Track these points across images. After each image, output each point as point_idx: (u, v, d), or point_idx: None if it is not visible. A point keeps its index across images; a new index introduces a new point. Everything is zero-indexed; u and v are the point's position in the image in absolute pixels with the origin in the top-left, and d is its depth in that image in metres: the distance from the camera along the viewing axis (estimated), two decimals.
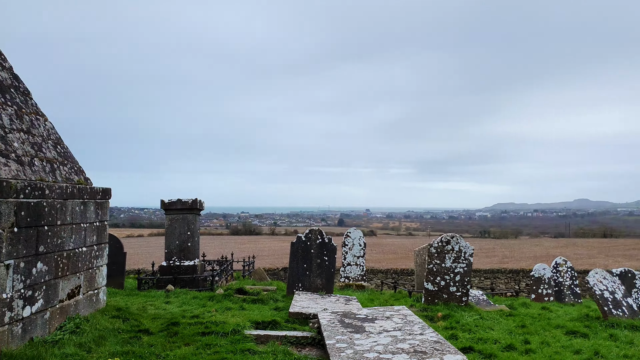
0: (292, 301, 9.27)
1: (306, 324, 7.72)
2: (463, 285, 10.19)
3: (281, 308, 9.29)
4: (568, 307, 12.43)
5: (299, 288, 10.61)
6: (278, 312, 8.93)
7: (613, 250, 49.59)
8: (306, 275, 10.67)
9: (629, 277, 12.07)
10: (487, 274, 24.28)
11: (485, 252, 46.55)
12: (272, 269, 25.42)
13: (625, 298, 9.12)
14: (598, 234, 78.61)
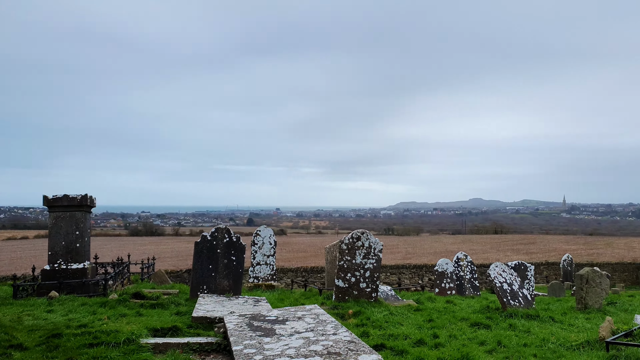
0: (195, 305, 8.63)
1: (211, 328, 7.18)
2: (373, 281, 10.24)
3: (184, 312, 8.62)
4: (469, 300, 13.10)
5: (204, 290, 9.97)
6: (180, 317, 8.26)
7: (503, 245, 54.11)
8: (212, 277, 10.06)
9: (522, 269, 13.00)
10: (393, 270, 25.14)
11: (390, 248, 48.46)
12: (175, 271, 24.10)
13: (521, 289, 9.72)
14: (490, 230, 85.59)
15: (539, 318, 8.58)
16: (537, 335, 7.34)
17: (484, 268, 27.03)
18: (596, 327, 7.92)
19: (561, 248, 49.82)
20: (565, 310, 9.70)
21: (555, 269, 28.29)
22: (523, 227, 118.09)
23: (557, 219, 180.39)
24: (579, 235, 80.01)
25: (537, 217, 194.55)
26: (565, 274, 23.42)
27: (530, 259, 41.11)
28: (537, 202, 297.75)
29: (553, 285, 16.63)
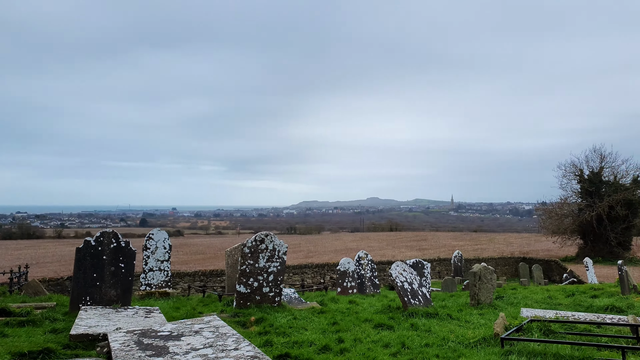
0: (76, 319, 7.62)
1: (93, 348, 6.34)
2: (276, 285, 9.90)
3: (60, 330, 7.58)
4: (370, 298, 13.31)
5: (87, 302, 8.90)
6: (55, 335, 7.22)
7: (398, 242, 56.87)
8: (96, 287, 9.02)
9: (419, 267, 13.48)
10: (296, 270, 25.07)
11: (293, 247, 48.57)
12: (56, 279, 21.72)
13: (420, 288, 10.01)
14: (386, 228, 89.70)
15: (438, 316, 8.85)
16: (437, 334, 7.51)
17: (382, 265, 28.03)
18: (489, 322, 8.35)
19: (450, 244, 53.61)
20: (460, 307, 10.17)
21: (446, 265, 30.23)
22: (416, 224, 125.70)
23: (446, 217, 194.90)
24: (465, 232, 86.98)
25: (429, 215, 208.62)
26: (456, 269, 25.06)
27: (423, 255, 43.59)
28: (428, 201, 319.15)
29: (446, 281, 17.61)
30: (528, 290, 14.96)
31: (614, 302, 10.50)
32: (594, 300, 11.24)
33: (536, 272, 21.65)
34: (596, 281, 19.57)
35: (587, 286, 15.64)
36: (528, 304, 10.74)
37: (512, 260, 33.61)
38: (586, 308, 10.35)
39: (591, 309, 10.17)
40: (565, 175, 43.07)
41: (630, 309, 10.02)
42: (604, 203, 38.96)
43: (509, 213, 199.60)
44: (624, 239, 39.76)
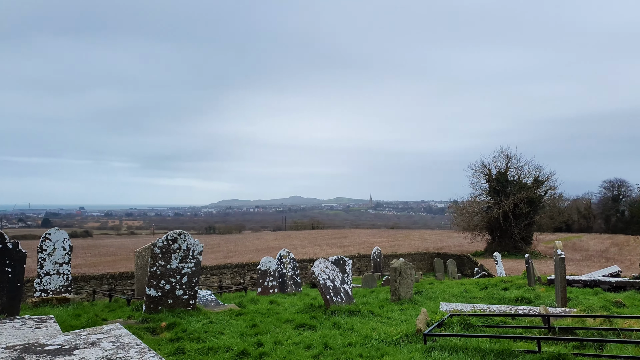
0: None
1: None
2: (191, 287, 9.25)
3: None
4: (292, 297, 12.99)
5: None
6: None
7: (320, 240, 57.32)
8: None
9: (341, 263, 13.38)
10: (214, 270, 24.16)
11: (211, 247, 47.15)
12: None
13: (343, 284, 9.84)
14: (308, 226, 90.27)
15: (360, 313, 8.72)
16: (360, 332, 7.34)
17: (304, 263, 27.89)
18: (411, 318, 8.34)
19: (369, 241, 54.94)
20: (382, 303, 10.15)
21: (366, 261, 30.79)
22: (337, 222, 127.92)
23: (365, 214, 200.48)
24: (383, 229, 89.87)
25: (349, 213, 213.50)
26: (375, 265, 25.52)
27: (344, 251, 44.19)
28: (348, 199, 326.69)
29: (366, 277, 17.76)
30: (444, 284, 15.45)
31: (523, 294, 11.05)
32: (505, 292, 11.77)
33: (451, 266, 22.66)
34: (504, 274, 20.80)
35: (498, 279, 16.49)
36: (446, 298, 10.99)
37: (428, 255, 35.02)
38: (499, 300, 10.78)
39: (504, 301, 10.61)
40: (476, 175, 45.73)
41: (537, 299, 10.58)
42: (509, 201, 41.85)
43: (423, 211, 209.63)
44: (526, 234, 42.99)
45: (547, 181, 43.45)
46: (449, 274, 22.55)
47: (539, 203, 42.92)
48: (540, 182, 43.20)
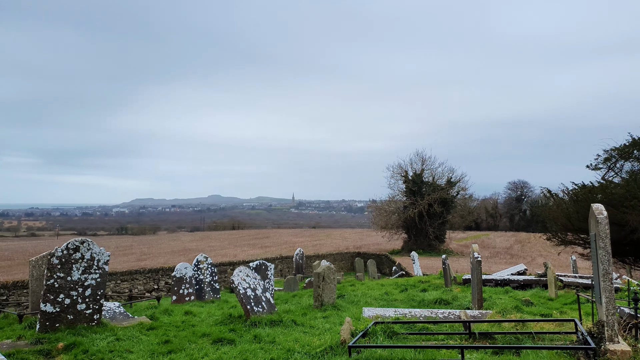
0: None
1: None
2: (96, 300, 8.37)
3: None
4: (209, 306, 12.35)
5: None
6: None
7: (240, 241, 56.19)
8: None
9: (263, 268, 12.95)
10: (125, 276, 22.57)
11: (123, 250, 44.48)
12: None
13: (264, 293, 9.44)
14: (228, 226, 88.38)
15: (282, 323, 8.37)
16: (282, 345, 6.99)
17: (223, 267, 27.02)
18: (334, 326, 8.14)
19: (291, 241, 54.77)
20: (304, 310, 9.88)
21: (288, 263, 30.51)
22: (258, 222, 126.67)
23: (287, 214, 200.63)
24: (305, 228, 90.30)
25: (271, 212, 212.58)
26: (297, 267, 25.32)
27: (265, 252, 43.58)
28: (270, 198, 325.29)
29: (289, 280, 17.46)
30: (365, 285, 15.56)
31: (441, 295, 11.32)
32: (425, 294, 12.02)
33: (371, 267, 23.06)
34: (421, 273, 21.50)
35: (416, 279, 16.92)
36: (368, 302, 10.98)
37: (349, 255, 35.50)
38: (419, 303, 10.96)
39: (424, 304, 10.79)
40: (393, 176, 47.24)
41: (455, 301, 10.89)
42: (424, 201, 43.66)
43: (344, 210, 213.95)
44: (440, 233, 45.11)
45: (459, 182, 45.89)
46: (369, 273, 22.93)
47: (451, 203, 45.22)
48: (452, 183, 45.52)
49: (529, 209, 66.85)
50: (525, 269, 16.50)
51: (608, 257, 5.56)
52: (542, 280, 13.76)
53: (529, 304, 10.65)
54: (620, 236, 17.83)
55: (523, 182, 70.62)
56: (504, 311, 8.63)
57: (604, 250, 5.55)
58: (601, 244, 5.57)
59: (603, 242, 5.57)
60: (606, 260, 5.56)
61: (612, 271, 5.65)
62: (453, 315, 8.31)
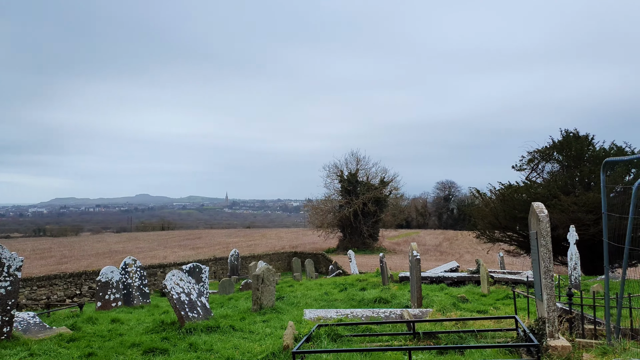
0: None
1: None
2: (5, 311, 7.46)
3: None
4: (139, 311, 11.56)
5: None
6: None
7: (170, 242, 54.06)
8: None
9: (197, 272, 12.32)
10: (43, 282, 20.79)
11: (40, 253, 41.31)
12: None
13: (199, 297, 8.90)
14: (157, 227, 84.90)
15: (220, 329, 7.90)
16: (221, 353, 6.55)
17: (152, 269, 25.74)
18: (275, 330, 7.80)
19: (225, 241, 53.50)
20: (242, 314, 9.44)
21: (222, 264, 29.65)
22: (190, 222, 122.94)
23: (220, 213, 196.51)
24: (239, 228, 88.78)
25: (203, 212, 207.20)
26: (232, 268, 24.61)
27: (197, 254, 42.15)
28: (203, 198, 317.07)
29: (224, 282, 16.85)
30: (304, 286, 15.32)
31: (380, 294, 11.31)
32: (364, 293, 11.97)
33: (308, 266, 22.86)
34: (357, 271, 21.63)
35: (354, 277, 16.92)
36: (309, 303, 10.72)
37: (285, 255, 35.17)
38: (359, 302, 10.87)
39: (364, 302, 10.71)
40: (329, 175, 47.56)
41: (394, 299, 10.91)
42: (359, 200, 44.29)
43: (279, 209, 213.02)
44: (374, 232, 45.97)
45: (392, 182, 47.04)
46: (307, 273, 22.73)
47: (384, 202, 46.25)
48: (385, 182, 46.56)
49: (457, 207, 70.01)
50: (458, 265, 17.02)
51: (549, 255, 5.67)
52: (474, 277, 14.19)
53: (465, 301, 10.88)
54: None
55: (450, 182, 73.91)
56: (444, 309, 8.71)
57: (545, 248, 5.65)
58: (542, 241, 5.67)
59: (544, 240, 5.67)
60: (547, 258, 5.67)
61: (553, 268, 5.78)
62: (395, 315, 8.26)
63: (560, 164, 20.67)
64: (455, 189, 72.59)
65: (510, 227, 20.27)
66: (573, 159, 19.98)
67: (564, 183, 18.79)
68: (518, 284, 13.48)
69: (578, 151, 19.90)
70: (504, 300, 11.26)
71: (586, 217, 17.59)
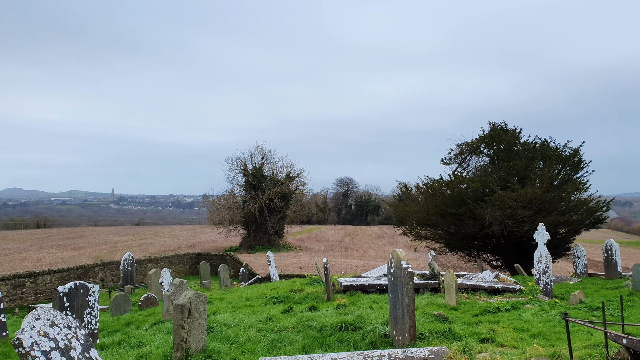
0: None
1: None
2: None
3: None
4: None
5: None
6: None
7: (47, 241, 46.14)
8: None
9: (81, 294, 8.33)
10: None
11: None
12: None
13: (87, 351, 5.19)
14: (31, 224, 73.42)
15: None
16: None
17: (19, 279, 20.13)
18: None
19: (112, 240, 46.81)
20: None
21: (112, 269, 24.50)
22: (70, 219, 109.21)
23: (106, 210, 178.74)
24: (128, 225, 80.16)
25: (86, 208, 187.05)
26: (126, 276, 19.98)
27: (79, 254, 35.86)
28: (85, 192, 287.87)
29: (117, 299, 12.66)
30: (225, 301, 11.85)
31: (341, 317, 8.34)
32: (318, 314, 8.87)
33: (223, 272, 19.05)
34: (277, 275, 18.49)
35: (282, 286, 13.77)
36: (252, 338, 7.37)
37: (187, 257, 30.68)
38: (319, 331, 7.79)
39: (326, 332, 7.66)
40: (233, 169, 43.66)
41: (363, 324, 8.01)
42: (265, 196, 41.04)
43: (171, 205, 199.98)
44: (279, 228, 43.02)
45: (298, 177, 44.52)
46: (221, 281, 18.96)
47: (291, 198, 43.57)
48: (292, 178, 43.89)
49: (354, 203, 69.76)
50: None
51: None
52: (430, 284, 11.89)
53: (444, 320, 8.39)
54: (474, 231, 17.62)
55: (349, 179, 73.59)
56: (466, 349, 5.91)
57: None
58: None
59: None
60: None
61: None
62: None
63: (490, 157, 19.63)
64: (354, 186, 72.43)
65: (439, 223, 18.73)
66: (504, 152, 18.97)
67: (499, 177, 17.64)
68: (478, 291, 11.44)
69: (509, 144, 18.93)
70: (483, 315, 8.96)
71: (524, 213, 16.49)
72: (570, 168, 18.52)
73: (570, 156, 18.43)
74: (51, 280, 21.22)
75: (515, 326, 7.77)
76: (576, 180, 18.17)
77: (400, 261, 7.15)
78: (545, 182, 17.20)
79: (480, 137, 19.40)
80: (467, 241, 18.77)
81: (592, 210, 17.83)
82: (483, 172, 18.69)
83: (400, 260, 7.14)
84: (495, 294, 11.26)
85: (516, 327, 7.73)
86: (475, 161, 19.92)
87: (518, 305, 9.24)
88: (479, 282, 11.81)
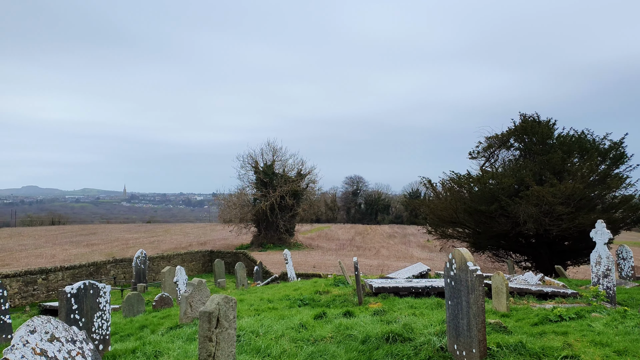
0: None
1: None
2: None
3: None
4: None
5: None
6: None
7: (61, 238, 45.39)
8: None
9: (91, 295, 7.17)
10: None
11: None
12: None
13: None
14: (46, 221, 72.86)
15: None
16: None
17: (31, 276, 19.11)
18: None
19: (124, 237, 45.91)
20: None
21: (124, 266, 23.40)
22: (84, 216, 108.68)
23: (118, 207, 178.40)
24: (139, 223, 79.34)
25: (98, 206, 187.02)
26: (138, 274, 18.83)
27: (92, 251, 34.94)
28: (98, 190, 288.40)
29: (130, 299, 11.52)
30: (246, 303, 10.66)
31: (386, 326, 7.13)
32: (356, 321, 7.64)
33: (240, 271, 17.87)
34: (295, 275, 17.28)
35: (309, 288, 12.53)
36: (286, 351, 6.16)
37: (200, 254, 29.52)
38: (363, 342, 6.59)
39: (371, 343, 6.45)
40: (244, 166, 42.58)
41: (411, 334, 6.78)
42: (276, 193, 39.87)
43: (182, 204, 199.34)
44: (290, 226, 41.83)
45: (309, 175, 43.34)
46: (238, 280, 17.75)
47: (302, 195, 42.39)
48: (303, 175, 42.72)
49: (364, 202, 68.37)
50: (429, 268, 13.42)
51: None
52: None
53: (503, 330, 7.15)
54: (505, 229, 16.28)
55: (359, 177, 72.17)
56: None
57: None
58: None
59: None
60: None
61: None
62: None
63: (520, 151, 18.25)
64: (363, 184, 71.00)
65: (466, 221, 17.41)
66: (537, 145, 17.60)
67: (533, 171, 16.28)
68: (524, 295, 10.15)
69: (543, 136, 17.55)
70: (544, 325, 7.69)
71: (563, 209, 15.11)
72: (611, 162, 17.17)
73: (610, 149, 17.10)
74: (63, 277, 20.18)
75: (591, 340, 6.51)
76: (619, 176, 16.79)
77: (465, 262, 5.90)
78: (586, 177, 15.83)
79: (511, 129, 18.04)
80: (495, 240, 17.46)
81: (635, 208, 16.48)
82: (514, 167, 17.31)
83: (466, 261, 5.89)
84: (544, 299, 9.97)
85: (592, 340, 6.48)
86: (504, 155, 18.57)
87: (583, 313, 7.95)
88: (524, 285, 10.51)
